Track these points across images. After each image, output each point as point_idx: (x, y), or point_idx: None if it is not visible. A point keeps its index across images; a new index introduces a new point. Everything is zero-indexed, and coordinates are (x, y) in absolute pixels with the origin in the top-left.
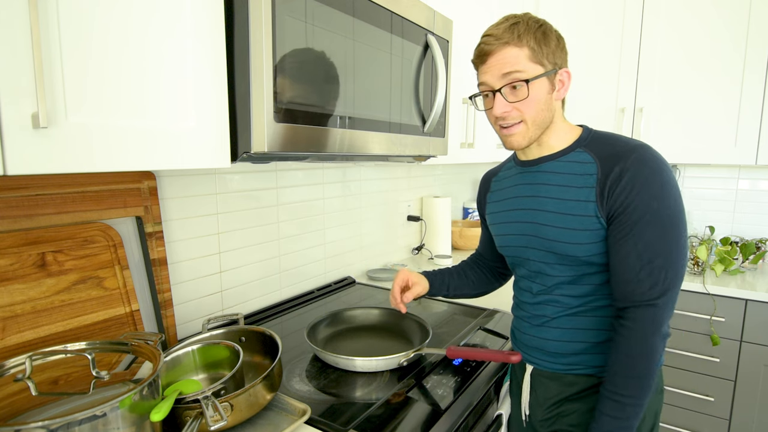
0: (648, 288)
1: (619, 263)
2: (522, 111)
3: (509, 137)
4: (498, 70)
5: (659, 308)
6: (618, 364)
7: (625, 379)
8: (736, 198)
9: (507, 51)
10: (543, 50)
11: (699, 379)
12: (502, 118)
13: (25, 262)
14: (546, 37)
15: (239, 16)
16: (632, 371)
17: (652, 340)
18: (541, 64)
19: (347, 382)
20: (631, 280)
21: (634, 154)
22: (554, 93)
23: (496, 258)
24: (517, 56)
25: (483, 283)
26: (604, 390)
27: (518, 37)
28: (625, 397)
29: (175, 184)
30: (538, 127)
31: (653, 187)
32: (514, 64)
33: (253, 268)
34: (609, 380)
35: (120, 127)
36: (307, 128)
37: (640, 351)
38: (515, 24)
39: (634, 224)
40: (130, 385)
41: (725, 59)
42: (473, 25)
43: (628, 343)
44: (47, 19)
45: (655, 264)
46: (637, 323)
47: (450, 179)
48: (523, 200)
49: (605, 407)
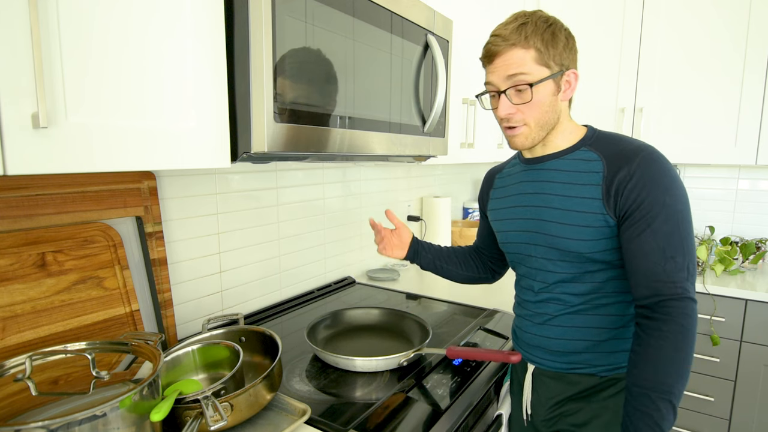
0: (680, 281)
1: (641, 259)
2: (526, 114)
3: (513, 138)
4: (504, 71)
5: (695, 302)
6: (665, 359)
7: (675, 376)
8: (736, 198)
9: (513, 52)
10: (550, 52)
11: (699, 379)
12: (506, 119)
13: (25, 262)
14: (554, 38)
15: (239, 16)
16: (682, 366)
17: (694, 333)
18: (548, 66)
19: (347, 382)
20: (658, 274)
21: (642, 153)
22: (560, 94)
23: (492, 253)
24: (523, 58)
25: (472, 269)
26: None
27: (525, 39)
28: (674, 395)
29: (175, 184)
30: (542, 129)
31: (663, 184)
32: (519, 66)
33: (253, 268)
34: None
35: (120, 127)
36: (307, 128)
37: (688, 344)
38: (523, 24)
39: (652, 220)
40: (130, 385)
41: (725, 59)
42: (473, 25)
43: (676, 337)
44: (47, 19)
45: (678, 258)
46: (679, 316)
47: (450, 179)
48: (527, 197)
49: (656, 406)
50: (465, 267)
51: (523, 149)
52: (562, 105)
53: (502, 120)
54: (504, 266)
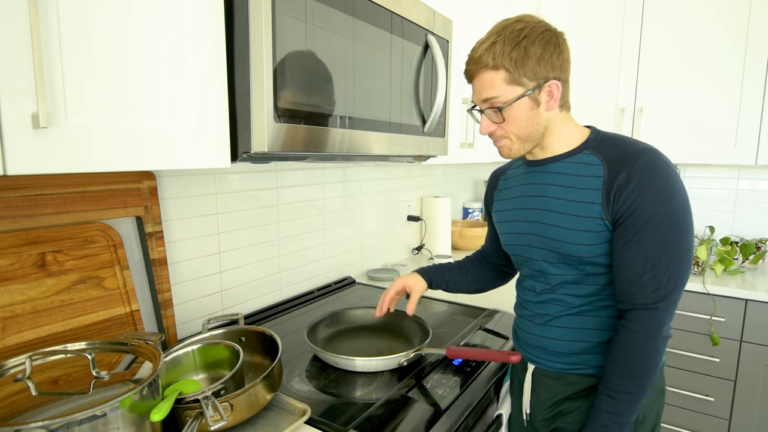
0: (650, 291)
1: (623, 266)
2: (505, 129)
3: (499, 149)
4: (479, 93)
5: (660, 311)
6: (617, 363)
7: (622, 379)
8: (736, 198)
9: (484, 75)
10: (520, 70)
11: (699, 379)
12: (488, 135)
13: (25, 262)
14: (526, 54)
15: (239, 16)
16: (630, 371)
17: (652, 342)
18: (520, 83)
19: (347, 382)
20: (633, 282)
21: (642, 158)
22: (541, 107)
23: (501, 256)
24: (493, 80)
25: (484, 280)
26: (602, 386)
27: (493, 59)
28: (622, 394)
29: (175, 184)
30: (526, 141)
31: (660, 191)
32: (490, 90)
33: (253, 268)
34: (607, 378)
35: (120, 127)
36: (307, 128)
37: (640, 353)
38: (493, 44)
39: (640, 228)
40: (130, 385)
41: (725, 59)
42: (473, 25)
43: (628, 345)
44: (47, 19)
45: (658, 268)
46: (638, 325)
47: (450, 179)
48: (529, 200)
49: (602, 403)
50: (476, 279)
51: (511, 159)
52: (550, 114)
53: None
54: (512, 268)
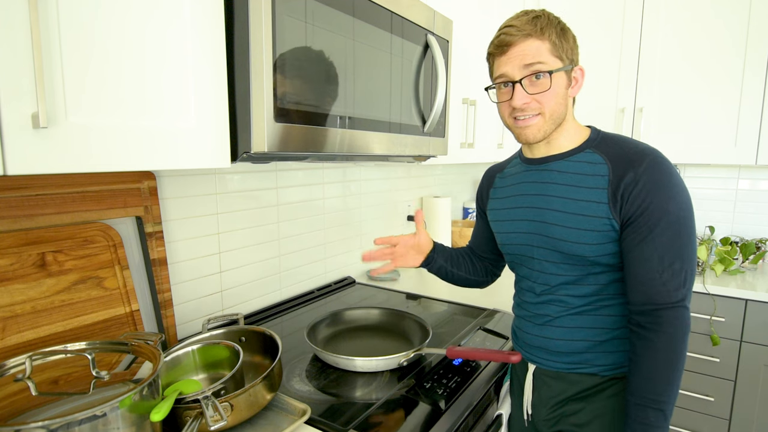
0: (675, 289)
1: (639, 265)
2: (542, 103)
3: (525, 129)
4: (520, 60)
5: (687, 310)
6: (656, 370)
7: (666, 386)
8: (736, 198)
9: (529, 42)
10: (563, 45)
11: (699, 379)
12: (520, 109)
13: (25, 262)
14: (565, 33)
15: (239, 16)
16: (673, 374)
17: (685, 340)
18: (561, 58)
19: (347, 382)
20: (654, 281)
21: (648, 157)
22: (570, 89)
23: (490, 253)
24: (539, 48)
25: (477, 273)
26: (641, 399)
27: (540, 30)
28: (666, 404)
29: (175, 184)
30: (554, 122)
31: (668, 190)
32: (536, 56)
33: (253, 268)
34: (647, 388)
35: (120, 127)
36: (307, 128)
37: (679, 353)
38: (537, 17)
39: (653, 226)
40: (130, 385)
41: (725, 59)
42: (473, 25)
43: (666, 347)
44: (47, 19)
45: (676, 266)
46: (670, 326)
47: (450, 179)
48: (530, 198)
49: (648, 417)
50: (473, 272)
51: (534, 142)
52: (569, 102)
53: (515, 111)
54: (499, 268)
